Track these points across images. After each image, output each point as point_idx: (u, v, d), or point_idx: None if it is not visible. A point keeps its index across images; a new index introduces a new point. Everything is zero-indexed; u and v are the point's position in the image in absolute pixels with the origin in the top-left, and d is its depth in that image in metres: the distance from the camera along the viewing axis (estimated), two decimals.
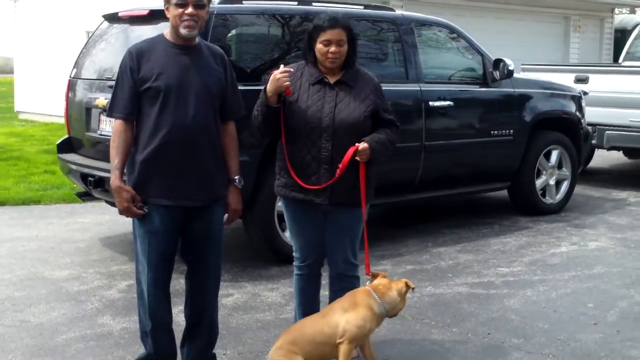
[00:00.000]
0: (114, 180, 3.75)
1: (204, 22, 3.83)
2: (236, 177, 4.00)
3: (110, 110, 3.85)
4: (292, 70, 4.07)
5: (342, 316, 3.92)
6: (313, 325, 4.03)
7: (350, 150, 4.03)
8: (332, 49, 4.05)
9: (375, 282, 4.04)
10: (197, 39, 3.87)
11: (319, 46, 4.09)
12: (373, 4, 7.70)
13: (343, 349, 3.86)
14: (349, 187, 4.11)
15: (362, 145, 4.02)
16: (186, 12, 3.71)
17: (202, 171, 3.82)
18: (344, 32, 4.08)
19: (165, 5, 3.82)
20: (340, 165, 4.04)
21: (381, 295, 3.96)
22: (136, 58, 3.77)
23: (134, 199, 3.76)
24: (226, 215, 4.05)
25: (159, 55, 3.78)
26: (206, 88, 3.80)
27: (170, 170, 3.76)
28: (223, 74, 3.90)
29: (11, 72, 29.95)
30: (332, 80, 4.15)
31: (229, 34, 6.25)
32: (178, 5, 3.72)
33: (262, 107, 4.08)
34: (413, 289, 4.10)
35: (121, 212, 3.83)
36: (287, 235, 6.21)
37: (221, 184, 3.94)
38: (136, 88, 3.75)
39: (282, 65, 4.06)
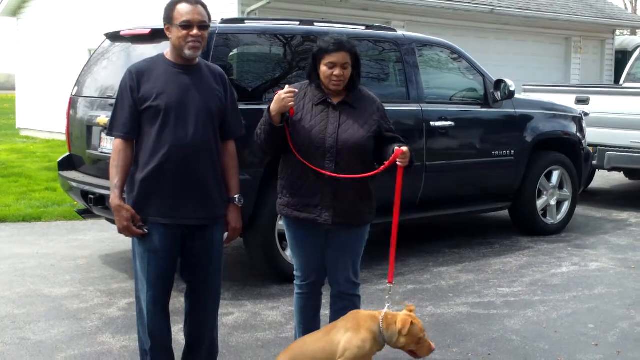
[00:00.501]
0: (114, 199, 3.76)
1: (206, 42, 3.86)
2: (236, 195, 4.01)
3: (110, 129, 3.86)
4: (297, 91, 4.08)
5: (344, 335, 3.91)
6: (314, 343, 4.02)
7: (397, 153, 3.97)
8: (337, 72, 4.06)
9: (389, 310, 4.00)
10: (198, 59, 3.89)
11: (323, 69, 4.09)
12: (375, 24, 7.75)
13: None
14: (351, 207, 4.12)
15: (405, 148, 4.00)
16: (191, 33, 3.74)
17: (202, 190, 3.83)
18: (348, 55, 4.09)
19: (165, 25, 3.83)
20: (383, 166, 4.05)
21: (386, 325, 3.91)
22: (136, 77, 3.78)
23: (134, 218, 3.77)
24: (226, 234, 4.05)
25: (159, 74, 3.80)
26: (206, 107, 3.81)
27: (170, 189, 3.77)
28: (223, 93, 3.92)
29: (13, 88, 30.04)
30: (335, 101, 4.16)
31: (231, 54, 6.27)
32: (183, 27, 3.74)
33: (265, 126, 4.09)
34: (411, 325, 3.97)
35: (120, 231, 3.83)
36: (287, 254, 6.23)
37: (221, 203, 3.94)
38: (136, 107, 3.76)
39: (287, 86, 4.07)
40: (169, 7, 3.80)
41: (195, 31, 3.74)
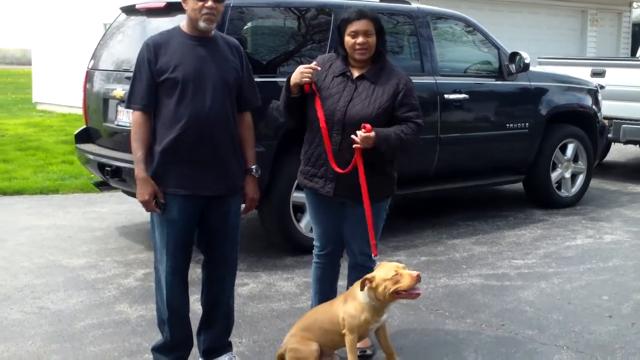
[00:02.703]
0: (140, 172, 3.79)
1: (220, 14, 3.87)
2: (253, 166, 4.04)
3: (128, 102, 3.88)
4: (318, 68, 4.10)
5: (342, 306, 3.97)
6: (324, 313, 4.08)
7: (359, 137, 3.95)
8: (360, 39, 4.07)
9: (374, 272, 3.93)
10: (213, 31, 3.91)
11: (347, 39, 4.11)
12: None
13: (346, 338, 3.91)
14: (356, 181, 4.09)
15: (367, 128, 3.95)
16: (206, 5, 3.75)
17: (219, 161, 3.86)
18: (371, 23, 4.10)
19: None
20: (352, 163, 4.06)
21: (373, 286, 3.86)
22: (153, 50, 3.80)
23: (157, 194, 3.80)
24: (243, 204, 4.09)
25: (176, 47, 3.82)
26: (223, 78, 3.84)
27: (188, 160, 3.80)
28: (239, 64, 3.94)
29: (29, 63, 30.12)
30: (355, 74, 4.17)
31: (245, 27, 6.28)
32: None
33: (283, 94, 4.16)
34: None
35: (141, 203, 3.86)
36: (302, 225, 6.28)
37: (238, 174, 3.98)
38: (154, 80, 3.79)
39: (314, 61, 4.13)
40: None
41: (210, 3, 3.75)
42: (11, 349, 4.48)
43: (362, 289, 3.89)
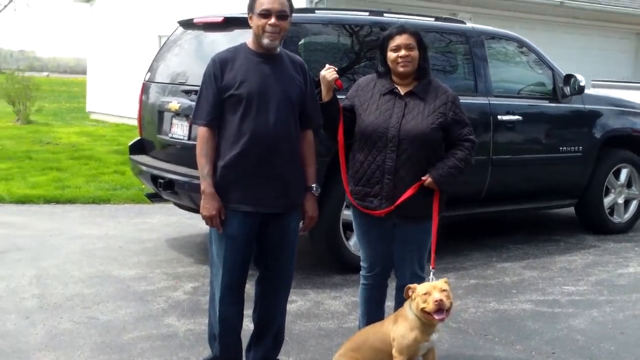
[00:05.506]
0: (207, 187, 3.83)
1: (285, 32, 3.90)
2: (313, 184, 4.06)
3: (194, 117, 3.93)
4: (334, 67, 4.13)
5: (393, 326, 3.94)
6: (375, 333, 4.05)
7: (415, 186, 4.07)
8: (402, 53, 4.10)
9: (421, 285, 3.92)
10: (279, 48, 3.93)
11: (389, 54, 4.15)
12: (444, 16, 7.69)
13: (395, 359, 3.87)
14: (416, 201, 4.11)
15: (427, 181, 4.07)
16: (269, 22, 3.78)
17: (281, 178, 3.88)
18: (412, 37, 4.15)
19: (249, 14, 3.90)
20: (403, 195, 4.08)
21: (412, 298, 3.86)
22: (220, 66, 3.85)
23: (221, 211, 3.83)
24: (302, 222, 4.10)
25: (242, 63, 3.85)
26: (287, 96, 3.86)
27: (251, 177, 3.83)
28: (303, 82, 3.96)
29: (83, 72, 30.67)
30: (402, 91, 4.17)
31: (299, 43, 6.30)
32: (261, 16, 3.79)
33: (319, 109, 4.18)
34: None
35: (204, 218, 3.88)
36: (351, 244, 6.26)
37: (299, 192, 3.99)
38: (219, 95, 3.82)
39: (327, 64, 4.16)
40: None
41: (273, 20, 3.78)
42: (60, 358, 4.53)
43: (405, 296, 3.89)
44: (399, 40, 4.12)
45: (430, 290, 3.78)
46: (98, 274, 6.23)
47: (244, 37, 4.30)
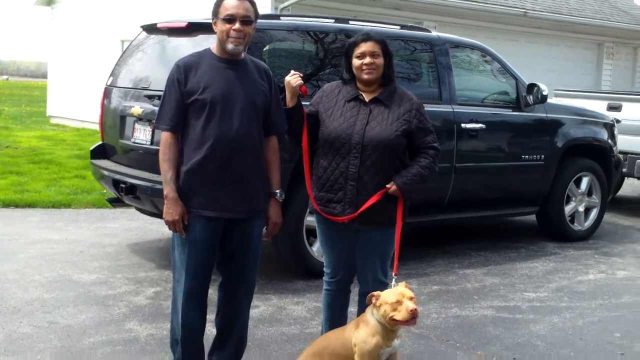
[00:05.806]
0: (170, 192, 3.80)
1: (250, 38, 3.89)
2: (277, 190, 4.05)
3: (157, 122, 3.89)
4: (299, 74, 4.12)
5: (354, 332, 3.93)
6: (336, 339, 4.04)
7: (379, 193, 4.07)
8: (367, 60, 4.11)
9: (384, 291, 3.90)
10: (243, 54, 3.93)
11: (354, 61, 4.16)
12: (409, 24, 7.73)
13: None
14: (379, 207, 4.11)
15: (392, 189, 4.08)
16: (234, 27, 3.78)
17: (244, 183, 3.86)
18: (377, 45, 4.16)
19: (213, 19, 3.88)
20: (367, 202, 4.08)
21: (377, 305, 3.84)
22: (184, 71, 3.83)
23: (184, 216, 3.80)
24: (265, 228, 4.08)
25: (206, 68, 3.84)
26: (251, 101, 3.85)
27: (214, 182, 3.81)
28: (268, 88, 3.95)
29: (43, 76, 30.34)
30: (367, 98, 4.18)
31: (264, 49, 6.29)
32: (226, 21, 3.78)
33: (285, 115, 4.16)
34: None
35: (167, 223, 3.85)
36: (314, 249, 6.26)
37: (262, 197, 3.98)
38: (183, 100, 3.80)
39: (291, 70, 4.15)
40: (217, 0, 3.85)
41: (237, 25, 3.77)
42: None
43: (367, 303, 3.87)
44: (364, 47, 4.13)
45: (400, 299, 3.77)
46: (58, 279, 6.15)
47: (208, 42, 4.29)
